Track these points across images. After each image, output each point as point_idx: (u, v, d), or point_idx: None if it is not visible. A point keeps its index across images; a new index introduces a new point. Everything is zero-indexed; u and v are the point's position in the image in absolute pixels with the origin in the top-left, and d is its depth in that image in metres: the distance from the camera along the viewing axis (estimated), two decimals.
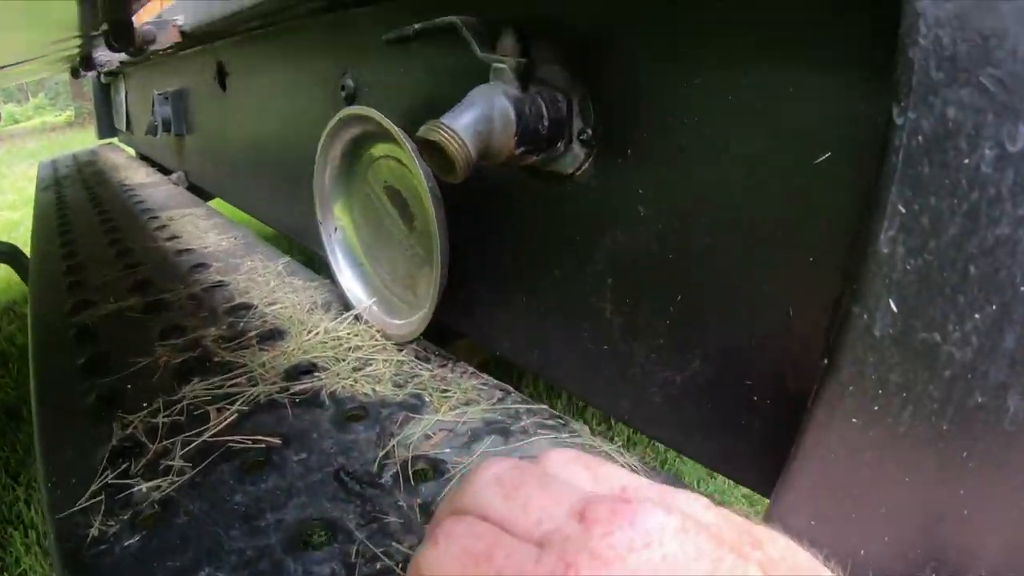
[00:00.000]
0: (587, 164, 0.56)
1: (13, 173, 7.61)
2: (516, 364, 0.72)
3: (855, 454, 0.35)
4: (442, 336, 0.81)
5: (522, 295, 0.68)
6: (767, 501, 0.40)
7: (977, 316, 0.29)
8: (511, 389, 0.70)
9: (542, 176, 0.60)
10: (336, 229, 0.83)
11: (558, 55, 0.55)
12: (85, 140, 9.15)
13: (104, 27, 1.26)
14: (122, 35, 1.25)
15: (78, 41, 1.74)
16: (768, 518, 0.38)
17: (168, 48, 1.41)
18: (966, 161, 0.28)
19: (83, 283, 1.12)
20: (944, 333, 0.30)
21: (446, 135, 0.47)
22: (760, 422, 0.46)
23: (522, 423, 0.63)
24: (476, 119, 0.48)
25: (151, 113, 1.95)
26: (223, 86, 1.41)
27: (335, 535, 0.49)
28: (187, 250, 1.18)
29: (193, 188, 1.92)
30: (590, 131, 0.54)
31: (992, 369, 0.30)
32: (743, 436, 0.48)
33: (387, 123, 0.69)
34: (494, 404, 0.67)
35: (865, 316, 0.31)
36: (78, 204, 1.89)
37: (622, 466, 0.37)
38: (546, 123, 0.52)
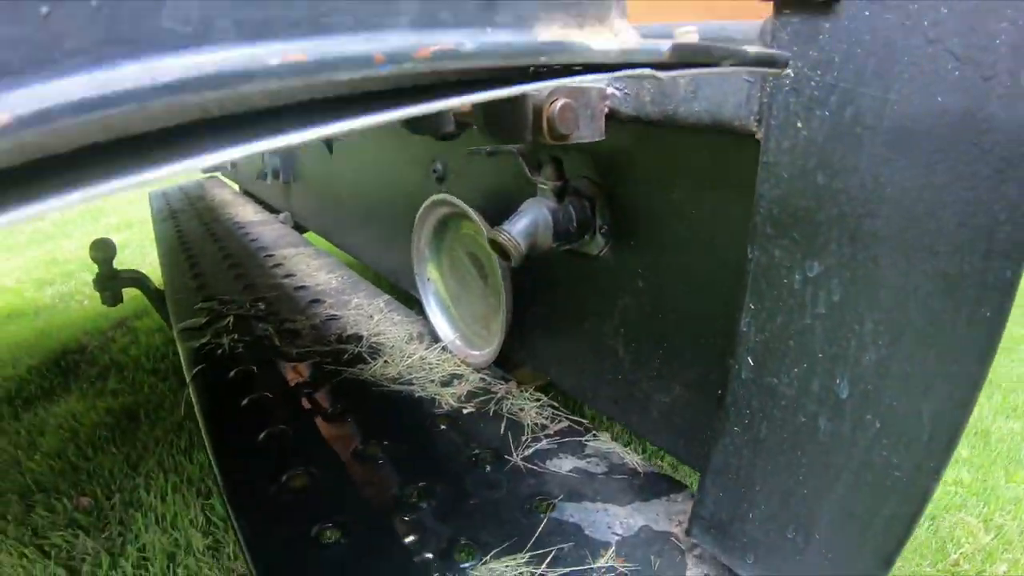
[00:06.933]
0: (606, 249, 0.81)
1: (114, 196, 8.17)
2: (559, 387, 0.97)
3: (743, 449, 0.59)
4: (506, 364, 1.07)
5: (563, 337, 0.94)
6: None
7: (795, 370, 0.53)
8: (555, 404, 0.95)
9: (577, 255, 0.85)
10: (428, 280, 1.10)
11: (586, 172, 0.81)
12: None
13: None
14: None
15: None
16: (701, 483, 0.62)
17: None
18: (785, 280, 0.52)
19: (223, 316, 1.42)
20: (779, 378, 0.54)
21: (505, 238, 0.72)
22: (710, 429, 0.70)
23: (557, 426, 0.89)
24: (527, 226, 0.74)
25: (262, 162, 2.28)
26: (330, 149, 1.71)
27: None
28: (303, 287, 1.47)
29: (295, 227, 2.24)
30: (607, 226, 0.80)
31: (807, 402, 0.53)
32: (704, 438, 0.72)
33: (470, 211, 0.95)
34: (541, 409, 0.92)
35: (736, 366, 0.55)
36: (198, 239, 2.22)
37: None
38: (575, 223, 0.78)
